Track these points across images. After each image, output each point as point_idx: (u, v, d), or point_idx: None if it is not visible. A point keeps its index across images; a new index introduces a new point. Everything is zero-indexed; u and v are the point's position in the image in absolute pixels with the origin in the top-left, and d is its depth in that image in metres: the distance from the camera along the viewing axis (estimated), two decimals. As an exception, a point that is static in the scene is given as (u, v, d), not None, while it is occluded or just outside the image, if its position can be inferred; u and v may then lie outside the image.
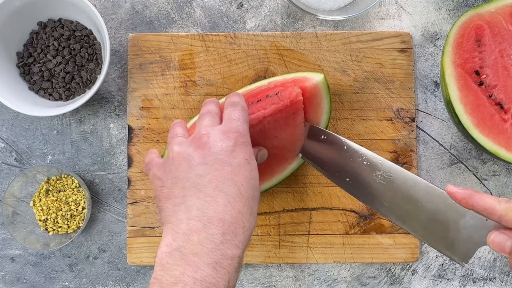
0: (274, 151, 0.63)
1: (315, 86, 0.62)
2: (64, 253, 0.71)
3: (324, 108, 0.64)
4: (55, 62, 0.68)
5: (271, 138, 0.63)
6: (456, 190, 0.49)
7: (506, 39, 0.62)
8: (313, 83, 0.62)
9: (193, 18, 0.72)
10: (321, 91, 0.63)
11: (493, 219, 0.47)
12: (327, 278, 0.70)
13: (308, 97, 0.62)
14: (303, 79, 0.63)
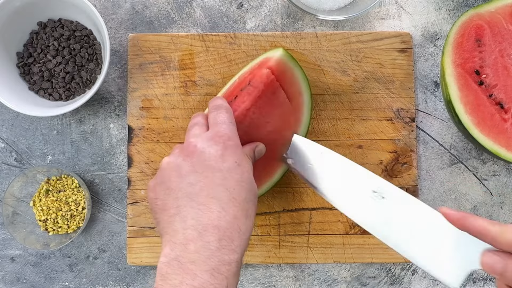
0: (272, 136, 0.63)
1: (279, 61, 0.62)
2: (64, 253, 0.71)
3: (298, 77, 0.64)
4: (55, 62, 0.68)
5: (264, 126, 0.63)
6: (450, 211, 0.49)
7: (506, 39, 0.62)
8: (276, 59, 0.62)
9: (193, 18, 0.72)
10: (287, 63, 0.63)
11: (486, 241, 0.46)
12: (327, 278, 0.70)
13: (279, 74, 0.63)
14: (265, 60, 0.63)
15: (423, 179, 0.70)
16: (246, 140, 0.61)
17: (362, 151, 0.69)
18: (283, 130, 0.64)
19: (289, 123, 0.65)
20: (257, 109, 0.62)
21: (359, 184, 0.57)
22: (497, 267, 0.45)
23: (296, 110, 0.65)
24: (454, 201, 0.70)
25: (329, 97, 0.70)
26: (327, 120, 0.69)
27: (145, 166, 0.69)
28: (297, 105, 0.65)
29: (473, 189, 0.71)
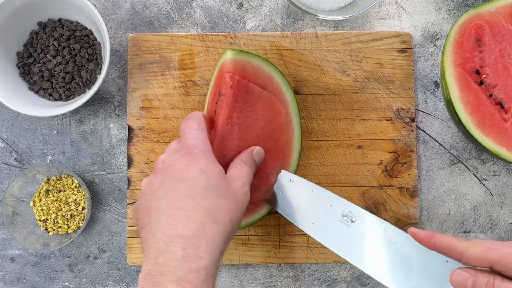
0: (269, 128, 0.63)
1: (233, 61, 0.62)
2: (64, 253, 0.71)
3: (259, 65, 0.64)
4: (55, 62, 0.68)
5: (255, 124, 0.63)
6: (418, 231, 0.49)
7: (506, 39, 0.62)
8: (229, 61, 0.62)
9: (193, 18, 0.72)
10: (241, 58, 0.63)
11: (455, 257, 0.47)
12: (327, 278, 0.70)
13: (240, 73, 0.62)
14: (221, 67, 0.63)
15: (423, 179, 0.70)
16: (246, 145, 0.62)
17: (362, 151, 0.69)
18: (275, 117, 0.64)
19: (277, 109, 0.64)
20: (239, 113, 0.62)
21: (329, 209, 0.59)
22: (467, 283, 0.46)
23: (276, 93, 0.64)
24: (454, 201, 0.70)
25: (329, 97, 0.70)
26: (327, 120, 0.69)
27: (145, 166, 0.69)
28: (273, 89, 0.64)
29: (473, 189, 0.71)
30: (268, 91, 0.64)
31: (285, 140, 0.65)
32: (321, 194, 0.60)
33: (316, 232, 0.59)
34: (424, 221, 0.70)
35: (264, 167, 0.63)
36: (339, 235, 0.57)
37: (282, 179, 0.63)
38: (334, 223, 0.58)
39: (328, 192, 0.60)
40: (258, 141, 0.63)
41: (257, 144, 0.62)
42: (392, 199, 0.69)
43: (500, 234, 0.70)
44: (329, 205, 0.59)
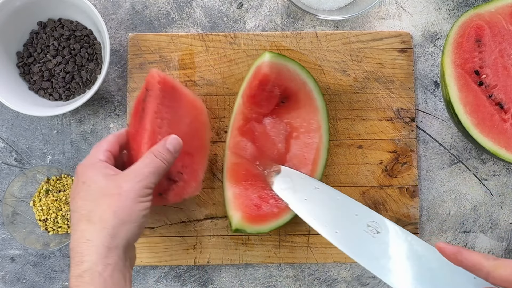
0: (194, 125, 0.65)
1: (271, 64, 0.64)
2: (64, 253, 0.71)
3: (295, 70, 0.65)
4: (55, 62, 0.68)
5: (181, 120, 0.63)
6: (446, 245, 0.49)
7: (506, 39, 0.62)
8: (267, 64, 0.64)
9: (193, 18, 0.72)
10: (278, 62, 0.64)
11: (481, 276, 0.46)
12: (327, 278, 0.70)
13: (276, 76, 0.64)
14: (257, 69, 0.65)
15: (423, 179, 0.70)
16: None
17: (362, 151, 0.69)
18: (199, 115, 0.65)
19: (200, 107, 0.66)
20: (167, 108, 0.62)
21: (354, 218, 0.58)
22: None
23: (308, 99, 0.66)
24: (454, 201, 0.70)
25: (329, 97, 0.70)
26: (327, 120, 0.69)
27: (145, 166, 0.69)
28: (306, 94, 0.66)
29: (473, 189, 0.71)
30: (301, 96, 0.66)
31: (209, 137, 0.67)
32: (346, 203, 0.60)
33: (340, 241, 0.58)
34: (424, 221, 0.70)
35: (192, 163, 0.64)
36: (364, 245, 0.57)
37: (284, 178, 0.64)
38: (359, 233, 0.57)
39: (353, 201, 0.60)
40: (185, 137, 0.62)
41: (186, 143, 0.62)
42: (392, 199, 0.69)
43: (500, 234, 0.70)
44: (354, 214, 0.59)
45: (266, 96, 0.66)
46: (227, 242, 0.69)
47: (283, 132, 0.67)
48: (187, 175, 0.64)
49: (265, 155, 0.67)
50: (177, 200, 0.64)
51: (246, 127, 0.66)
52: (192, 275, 0.70)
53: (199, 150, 0.66)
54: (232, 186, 0.65)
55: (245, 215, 0.63)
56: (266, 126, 0.67)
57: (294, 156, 0.67)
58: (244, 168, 0.66)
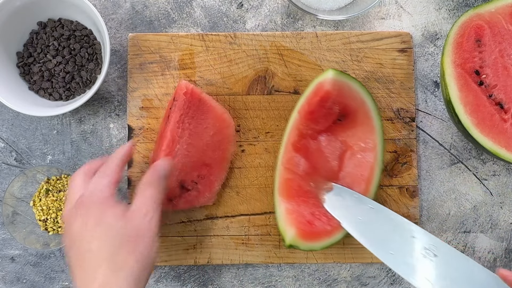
0: (217, 138, 0.66)
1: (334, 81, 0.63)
2: (64, 253, 0.71)
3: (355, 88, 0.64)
4: (55, 62, 0.68)
5: (204, 131, 0.65)
6: (509, 273, 0.47)
7: (506, 39, 0.62)
8: (330, 81, 0.63)
9: (193, 18, 0.72)
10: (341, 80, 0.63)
11: None
12: (327, 278, 0.70)
13: (338, 93, 0.64)
14: (320, 85, 0.64)
15: (423, 179, 0.70)
16: (194, 151, 0.65)
17: (362, 151, 0.69)
18: (224, 128, 0.67)
19: (226, 120, 0.67)
20: (191, 119, 0.65)
21: (410, 240, 0.57)
22: None
23: (366, 118, 0.65)
24: (454, 201, 0.70)
25: (329, 97, 0.70)
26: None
27: (145, 166, 0.69)
28: (364, 113, 0.65)
29: (473, 189, 0.71)
30: (359, 114, 0.65)
31: (232, 151, 0.68)
32: (402, 224, 0.59)
33: (395, 263, 0.57)
34: (424, 221, 0.70)
35: (209, 174, 0.66)
36: (421, 268, 0.55)
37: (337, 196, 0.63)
38: (415, 256, 0.56)
39: (409, 222, 0.59)
40: (206, 148, 0.66)
41: (206, 154, 0.65)
42: (392, 199, 0.69)
43: (500, 234, 0.70)
44: (410, 236, 0.58)
45: (324, 113, 0.65)
46: (227, 242, 0.69)
47: (337, 149, 0.67)
48: (202, 186, 0.66)
49: (318, 172, 0.66)
50: (186, 207, 0.66)
51: (300, 143, 0.66)
52: (192, 275, 0.70)
53: (219, 162, 0.67)
54: (284, 201, 0.64)
55: (299, 231, 0.62)
56: (321, 143, 0.67)
57: (347, 175, 0.66)
58: (297, 184, 0.65)
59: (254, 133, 0.70)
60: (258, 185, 0.69)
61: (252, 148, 0.70)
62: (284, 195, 0.65)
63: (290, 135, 0.66)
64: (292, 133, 0.66)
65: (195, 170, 0.66)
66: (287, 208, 0.64)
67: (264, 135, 0.70)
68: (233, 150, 0.68)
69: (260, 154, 0.69)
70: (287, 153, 0.65)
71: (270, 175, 0.69)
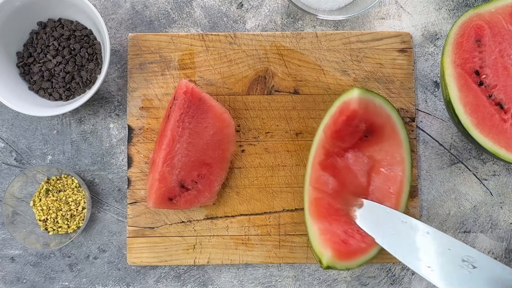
0: (217, 137, 0.66)
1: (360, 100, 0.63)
2: (64, 253, 0.71)
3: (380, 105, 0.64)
4: (55, 62, 0.68)
5: (204, 130, 0.65)
6: None
7: (506, 39, 0.62)
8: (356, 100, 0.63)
9: (193, 18, 0.72)
10: (366, 97, 0.63)
11: None
12: (327, 278, 0.70)
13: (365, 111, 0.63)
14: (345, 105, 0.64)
15: (423, 179, 0.70)
16: (194, 150, 0.65)
17: (362, 151, 0.69)
18: (224, 128, 0.67)
19: (226, 120, 0.67)
20: (191, 118, 0.65)
21: (447, 253, 0.57)
22: None
23: (392, 133, 0.65)
24: (454, 201, 0.70)
25: (329, 97, 0.70)
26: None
27: (145, 166, 0.69)
28: (391, 127, 0.65)
29: (473, 189, 0.71)
30: (386, 129, 0.65)
31: (232, 150, 0.68)
32: (438, 237, 0.59)
33: (434, 276, 0.56)
34: (424, 221, 0.70)
35: (209, 174, 0.66)
36: (460, 281, 0.55)
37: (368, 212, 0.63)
38: (453, 268, 0.56)
39: (444, 235, 0.59)
40: (206, 148, 0.66)
41: (205, 153, 0.66)
42: (392, 199, 0.69)
43: (500, 234, 0.70)
44: (447, 248, 0.57)
45: (351, 131, 0.65)
46: (227, 242, 0.69)
47: (365, 165, 0.66)
48: (202, 185, 0.66)
49: (347, 189, 0.66)
50: (187, 207, 0.66)
51: (327, 162, 0.66)
52: (192, 275, 0.70)
53: (219, 161, 0.67)
54: (316, 221, 0.64)
55: (335, 252, 0.61)
56: (348, 160, 0.66)
57: (376, 190, 0.65)
58: (327, 202, 0.65)
59: (254, 133, 0.70)
60: (258, 185, 0.69)
61: (252, 148, 0.70)
62: (315, 215, 0.64)
63: (316, 154, 0.65)
64: (318, 152, 0.65)
65: (195, 169, 0.66)
66: (320, 228, 0.63)
67: (264, 135, 0.70)
68: (233, 150, 0.68)
69: (260, 154, 0.69)
70: (315, 172, 0.65)
71: (270, 175, 0.69)
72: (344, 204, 0.65)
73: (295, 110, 0.70)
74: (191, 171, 0.65)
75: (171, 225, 0.69)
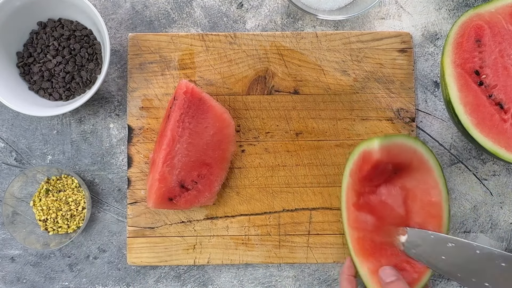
0: (217, 137, 0.66)
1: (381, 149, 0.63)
2: (64, 253, 0.71)
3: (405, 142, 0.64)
4: (55, 62, 0.68)
5: (204, 131, 0.65)
6: None
7: (506, 39, 0.62)
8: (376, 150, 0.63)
9: (193, 18, 0.72)
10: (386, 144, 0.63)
11: None
12: (327, 278, 0.70)
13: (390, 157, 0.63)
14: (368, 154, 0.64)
15: None
16: (194, 150, 0.65)
17: (362, 151, 0.69)
18: (224, 128, 0.67)
19: (226, 120, 0.67)
20: (191, 118, 0.65)
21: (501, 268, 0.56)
22: None
23: (421, 163, 0.64)
24: (454, 201, 0.70)
25: (329, 97, 0.70)
26: (327, 120, 0.69)
27: (145, 166, 0.69)
28: (418, 160, 0.64)
29: (473, 189, 0.71)
30: (413, 162, 0.64)
31: (232, 150, 0.68)
32: (488, 254, 0.58)
33: None
34: (424, 221, 0.70)
35: (209, 174, 0.66)
36: None
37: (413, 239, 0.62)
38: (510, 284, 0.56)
39: (495, 250, 0.58)
40: (206, 148, 0.66)
41: (206, 153, 0.66)
42: (392, 199, 0.69)
43: (500, 234, 0.70)
44: (500, 264, 0.57)
45: (379, 173, 0.64)
46: (227, 242, 0.69)
47: (399, 195, 0.66)
48: (202, 185, 0.66)
49: (387, 221, 0.65)
50: (187, 207, 0.66)
51: (361, 202, 0.65)
52: (192, 275, 0.70)
53: (219, 161, 0.67)
54: (364, 261, 0.64)
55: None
56: (382, 195, 0.66)
57: (416, 216, 0.64)
58: (369, 239, 0.64)
59: (254, 133, 0.70)
60: (258, 185, 0.69)
61: (252, 148, 0.70)
62: (361, 255, 0.64)
63: (348, 196, 0.65)
64: (350, 195, 0.65)
65: (195, 169, 0.66)
66: (369, 268, 0.63)
67: (264, 135, 0.70)
68: (233, 150, 0.68)
69: (260, 154, 0.69)
70: (351, 214, 0.65)
71: (270, 175, 0.69)
72: (388, 237, 0.64)
73: (295, 110, 0.70)
74: (191, 171, 0.65)
75: (171, 225, 0.69)
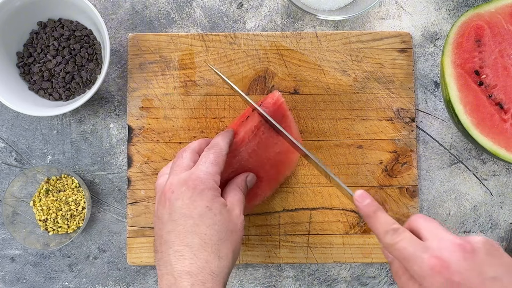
0: (280, 157, 0.65)
1: None
2: (64, 253, 0.71)
3: None
4: (55, 62, 0.68)
5: (272, 146, 0.64)
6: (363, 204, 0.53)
7: (506, 39, 0.62)
8: None
9: (193, 18, 0.72)
10: None
11: None
12: (327, 278, 0.70)
13: None
14: None
15: (423, 179, 0.70)
16: (255, 159, 0.64)
17: (362, 151, 0.69)
18: (289, 152, 0.66)
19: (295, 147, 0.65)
20: (267, 129, 0.64)
21: None
22: None
23: None
24: (454, 201, 0.70)
25: (329, 97, 0.70)
26: (327, 120, 0.69)
27: (145, 166, 0.69)
28: None
29: (473, 189, 0.71)
30: None
31: (287, 175, 0.68)
32: None
33: None
34: (424, 221, 0.70)
35: (256, 187, 0.65)
36: None
37: None
38: None
39: None
40: (266, 162, 0.65)
41: (263, 167, 0.65)
42: (392, 199, 0.69)
43: (500, 234, 0.70)
44: None
45: None
46: (227, 242, 0.69)
47: None
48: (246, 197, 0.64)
49: None
50: None
51: None
52: (192, 275, 0.70)
53: (271, 180, 0.66)
54: None
55: None
56: None
57: None
58: None
59: (254, 133, 0.70)
60: (258, 185, 0.69)
61: (252, 148, 0.70)
62: None
63: None
64: None
65: None
66: None
67: (264, 135, 0.70)
68: (287, 175, 0.68)
69: (260, 154, 0.69)
70: None
71: (270, 175, 0.69)
72: None
73: (295, 110, 0.70)
74: None
75: (171, 225, 0.69)
